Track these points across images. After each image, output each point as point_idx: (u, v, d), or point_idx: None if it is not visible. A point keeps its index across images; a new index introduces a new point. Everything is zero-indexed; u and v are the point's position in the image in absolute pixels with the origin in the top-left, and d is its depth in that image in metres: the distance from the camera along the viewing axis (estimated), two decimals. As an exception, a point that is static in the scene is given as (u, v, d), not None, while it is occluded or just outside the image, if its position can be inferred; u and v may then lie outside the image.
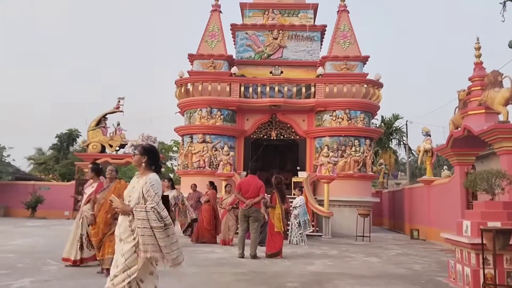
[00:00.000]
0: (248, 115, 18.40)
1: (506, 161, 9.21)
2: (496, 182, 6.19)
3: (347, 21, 19.26)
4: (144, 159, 3.81)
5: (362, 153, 17.20)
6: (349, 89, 17.49)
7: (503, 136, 9.12)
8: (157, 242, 3.48)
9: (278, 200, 9.17)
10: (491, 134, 9.37)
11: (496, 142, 9.37)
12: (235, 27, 19.98)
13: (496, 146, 9.44)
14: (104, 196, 6.15)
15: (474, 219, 5.94)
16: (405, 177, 40.00)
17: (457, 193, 11.82)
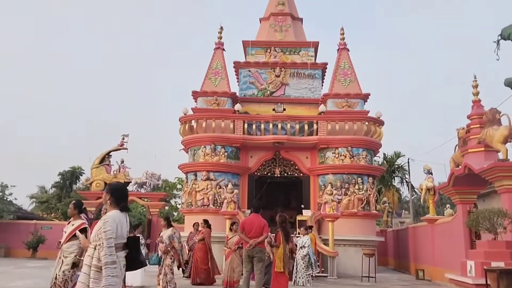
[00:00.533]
0: (252, 152, 18.65)
1: (507, 199, 9.34)
2: (498, 221, 6.34)
3: (347, 59, 19.83)
4: (108, 196, 3.92)
5: (365, 191, 17.29)
6: (350, 127, 17.81)
7: (503, 174, 9.31)
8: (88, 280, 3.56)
9: (283, 239, 9.19)
10: (491, 172, 9.56)
11: (497, 180, 9.55)
12: (238, 65, 20.57)
13: (497, 184, 9.61)
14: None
15: (477, 259, 6.04)
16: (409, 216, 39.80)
17: (460, 232, 11.84)
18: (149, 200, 23.31)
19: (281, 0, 21.88)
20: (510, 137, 9.48)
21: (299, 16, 22.51)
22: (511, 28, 3.17)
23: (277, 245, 9.11)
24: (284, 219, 9.24)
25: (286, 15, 21.65)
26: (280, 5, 21.80)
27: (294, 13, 22.21)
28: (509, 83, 3.95)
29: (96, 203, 23.16)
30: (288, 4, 22.01)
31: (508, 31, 3.17)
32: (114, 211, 3.88)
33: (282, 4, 21.82)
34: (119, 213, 3.88)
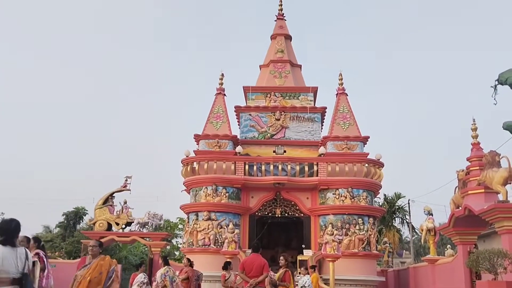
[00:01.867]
0: (253, 192, 18.49)
1: (508, 240, 9.13)
2: (498, 261, 6.13)
3: (345, 103, 20.05)
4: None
5: (366, 232, 16.99)
6: (350, 168, 17.73)
7: (504, 216, 9.14)
8: None
9: (292, 279, 8.95)
10: (491, 213, 9.40)
11: (497, 221, 9.37)
12: (239, 109, 20.78)
13: (497, 225, 9.42)
14: (83, 273, 5.48)
15: (480, 303, 5.79)
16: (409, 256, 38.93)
17: (460, 273, 11.52)
18: (151, 239, 22.87)
19: (280, 48, 22.41)
20: (510, 179, 9.38)
21: (297, 62, 22.98)
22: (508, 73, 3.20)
23: (287, 285, 8.85)
24: (288, 258, 9.07)
25: (285, 62, 22.09)
26: (279, 53, 22.30)
27: (293, 60, 22.68)
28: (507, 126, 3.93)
29: (98, 243, 22.75)
30: (287, 51, 22.51)
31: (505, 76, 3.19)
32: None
33: (281, 51, 22.33)
34: (2, 247, 3.84)
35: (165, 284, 9.52)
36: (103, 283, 5.26)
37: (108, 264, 5.39)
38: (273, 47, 22.86)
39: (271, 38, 23.44)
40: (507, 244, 9.11)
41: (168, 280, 9.56)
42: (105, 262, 5.48)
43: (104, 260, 5.56)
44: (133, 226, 23.40)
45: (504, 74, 3.19)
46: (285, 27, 23.47)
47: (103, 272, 5.31)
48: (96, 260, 5.57)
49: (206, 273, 14.80)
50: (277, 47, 22.53)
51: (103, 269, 5.31)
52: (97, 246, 5.73)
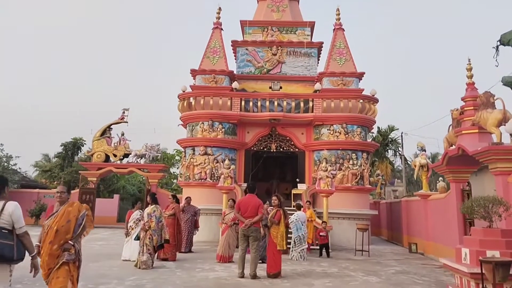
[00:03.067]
0: (249, 128, 18.31)
1: (501, 181, 9.12)
2: (493, 209, 6.07)
3: (342, 38, 19.23)
4: None
5: (359, 166, 17.09)
6: (345, 104, 17.44)
7: (498, 157, 9.03)
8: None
9: (283, 217, 9.01)
10: (485, 155, 9.28)
11: (491, 162, 9.28)
12: (235, 43, 19.98)
13: (491, 166, 9.34)
14: (49, 223, 4.94)
15: (472, 247, 5.81)
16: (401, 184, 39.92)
17: (453, 210, 11.69)
18: (148, 171, 23.10)
19: (279, -20, 21.02)
20: (504, 120, 9.14)
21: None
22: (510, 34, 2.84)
23: (277, 222, 8.92)
24: (281, 200, 9.07)
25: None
26: (278, -15, 20.96)
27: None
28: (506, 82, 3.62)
29: (96, 173, 22.98)
30: (286, -16, 21.16)
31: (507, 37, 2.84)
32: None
33: (280, -17, 20.98)
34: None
35: (150, 224, 9.35)
36: (72, 231, 4.81)
37: (76, 210, 4.88)
38: (271, -21, 21.41)
39: (269, -31, 21.87)
40: (501, 185, 9.13)
41: (155, 220, 9.36)
42: (73, 209, 4.94)
43: (72, 206, 4.99)
44: (131, 157, 23.56)
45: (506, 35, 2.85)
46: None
47: (71, 219, 4.83)
48: (64, 207, 4.99)
49: (202, 206, 15.09)
50: (275, -21, 21.11)
51: (71, 216, 4.83)
52: (65, 192, 5.11)
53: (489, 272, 5.06)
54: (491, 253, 5.54)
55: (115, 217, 25.97)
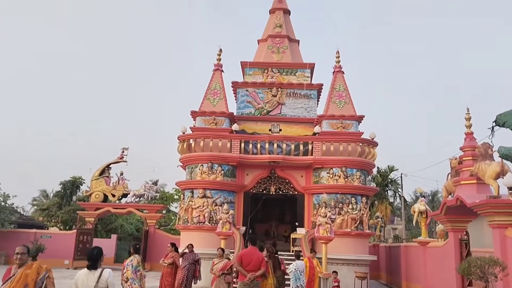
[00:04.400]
0: (248, 170, 18.45)
1: (498, 234, 9.20)
2: (489, 270, 6.13)
3: (342, 81, 19.70)
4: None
5: (359, 211, 17.11)
6: (345, 148, 17.66)
7: (495, 211, 9.15)
8: None
9: (271, 270, 8.93)
10: (483, 208, 9.40)
11: (488, 215, 9.39)
12: (236, 85, 20.49)
13: (489, 219, 9.45)
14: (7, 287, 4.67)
15: (469, 310, 5.83)
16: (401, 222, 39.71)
17: (451, 259, 11.69)
18: (147, 211, 23.08)
19: (279, 23, 21.84)
20: (502, 173, 9.32)
21: (296, 38, 22.44)
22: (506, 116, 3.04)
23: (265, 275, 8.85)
24: (273, 250, 9.01)
25: (283, 37, 21.58)
26: (278, 28, 21.75)
27: (291, 35, 22.14)
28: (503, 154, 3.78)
29: (94, 214, 22.97)
30: (286, 26, 21.96)
31: (503, 119, 3.03)
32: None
33: (280, 26, 21.78)
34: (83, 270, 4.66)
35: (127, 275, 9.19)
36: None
37: (35, 272, 4.64)
38: (271, 22, 22.28)
39: (269, 13, 22.83)
40: (498, 238, 9.20)
41: (130, 269, 9.12)
42: (32, 271, 4.66)
43: (30, 268, 4.71)
44: (129, 197, 23.61)
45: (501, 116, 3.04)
46: (284, 2, 22.82)
47: (29, 283, 4.59)
48: (21, 270, 4.69)
49: (200, 250, 14.96)
50: (275, 22, 21.97)
51: (29, 280, 4.59)
52: (25, 253, 4.81)
53: None
54: (488, 317, 5.55)
55: (113, 258, 25.68)
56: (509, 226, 9.17)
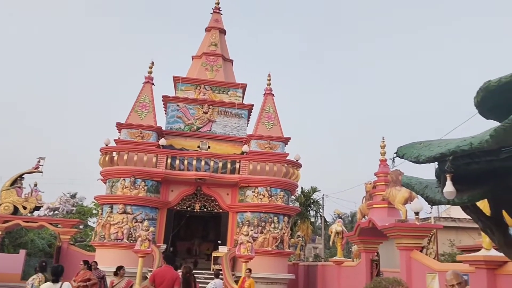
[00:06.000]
0: (173, 186, 18.01)
1: (405, 256, 9.77)
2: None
3: (271, 103, 20.17)
4: None
5: (280, 230, 17.39)
6: (271, 168, 17.95)
7: (402, 234, 9.74)
8: None
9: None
10: (392, 230, 9.97)
11: (396, 238, 9.96)
12: (167, 99, 20.11)
13: (397, 241, 10.02)
14: None
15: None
16: (321, 241, 41.02)
17: (363, 278, 12.19)
18: (61, 226, 21.45)
19: (214, 41, 21.96)
20: (410, 199, 9.99)
21: (230, 57, 22.67)
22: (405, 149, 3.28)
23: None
24: (188, 270, 8.73)
25: (217, 56, 21.70)
26: (213, 46, 21.85)
27: (226, 55, 22.34)
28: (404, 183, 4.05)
29: (2, 227, 20.88)
30: (221, 45, 22.12)
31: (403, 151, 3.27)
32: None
33: (215, 45, 21.90)
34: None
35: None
36: None
37: None
38: (207, 40, 22.32)
39: (206, 30, 22.88)
40: (404, 259, 9.77)
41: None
42: None
43: None
44: (42, 210, 21.83)
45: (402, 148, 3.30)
46: (221, 21, 23.01)
47: None
48: None
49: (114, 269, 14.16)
50: (211, 40, 22.05)
51: None
52: None
53: None
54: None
55: (20, 274, 23.36)
56: (414, 248, 9.82)
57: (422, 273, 8.93)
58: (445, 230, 16.87)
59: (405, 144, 3.63)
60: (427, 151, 3.30)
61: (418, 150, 3.44)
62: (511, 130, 2.52)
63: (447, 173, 3.16)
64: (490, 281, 6.61)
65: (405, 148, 3.56)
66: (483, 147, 2.87)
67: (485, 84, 3.54)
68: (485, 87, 3.54)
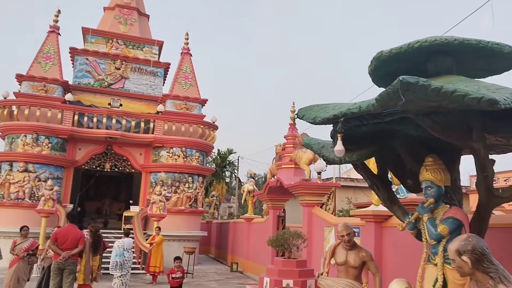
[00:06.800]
0: (81, 144, 17.02)
1: (307, 212, 10.47)
2: (293, 241, 6.92)
3: (189, 63, 19.68)
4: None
5: (194, 190, 17.50)
6: (186, 129, 17.75)
7: (305, 192, 10.38)
8: None
9: (88, 250, 8.32)
10: (296, 188, 10.57)
11: (300, 195, 10.60)
12: (74, 51, 18.57)
13: (300, 198, 10.66)
14: None
15: (272, 277, 6.50)
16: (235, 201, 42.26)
17: (270, 232, 12.84)
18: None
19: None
20: (314, 160, 10.60)
21: (146, 12, 21.41)
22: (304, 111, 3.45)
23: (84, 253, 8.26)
24: (96, 228, 8.49)
25: (132, 9, 20.35)
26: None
27: (141, 8, 21.04)
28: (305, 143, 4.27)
29: None
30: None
31: (302, 113, 3.43)
32: None
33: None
34: None
35: None
36: None
37: None
38: (121, -10, 20.71)
39: (119, -20, 21.15)
40: (306, 215, 10.47)
41: None
42: None
43: None
44: None
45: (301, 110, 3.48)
46: (136, -28, 21.43)
47: None
48: None
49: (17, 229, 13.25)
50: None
51: None
52: None
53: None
54: (286, 282, 6.28)
55: None
56: (316, 205, 10.56)
57: (321, 226, 9.67)
58: (344, 189, 18.36)
59: (304, 107, 3.82)
60: (323, 113, 3.51)
61: (316, 112, 3.65)
62: (393, 95, 2.77)
63: (338, 133, 3.42)
64: (377, 232, 7.36)
65: (305, 110, 3.76)
66: (370, 110, 3.13)
67: (378, 54, 3.82)
68: (377, 57, 3.83)
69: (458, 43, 3.27)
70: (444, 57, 3.55)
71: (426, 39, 3.37)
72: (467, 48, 3.31)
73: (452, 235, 3.43)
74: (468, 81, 3.16)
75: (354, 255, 5.28)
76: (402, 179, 4.63)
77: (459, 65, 3.61)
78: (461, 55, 3.48)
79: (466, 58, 3.54)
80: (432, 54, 3.52)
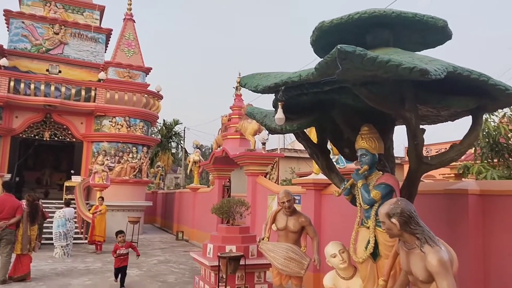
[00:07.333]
0: (18, 112, 15.81)
1: (251, 181, 10.56)
2: (236, 209, 6.93)
3: (132, 30, 18.66)
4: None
5: (139, 160, 16.99)
6: (130, 98, 17.01)
7: (250, 161, 10.43)
8: None
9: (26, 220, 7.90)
10: (241, 159, 10.59)
11: (245, 165, 10.65)
12: (9, 14, 16.97)
13: (245, 168, 10.72)
14: None
15: (216, 243, 6.50)
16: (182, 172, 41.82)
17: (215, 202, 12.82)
18: None
19: (67, -48, 18.81)
20: (259, 131, 10.64)
21: (86, -27, 19.81)
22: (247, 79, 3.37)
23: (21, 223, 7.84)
24: (34, 198, 8.05)
25: (71, -30, 18.76)
26: (65, -43, 18.74)
27: (81, -31, 19.44)
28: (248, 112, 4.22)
29: None
30: (73, -42, 19.10)
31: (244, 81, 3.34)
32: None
33: (67, -44, 18.80)
34: None
35: None
36: None
37: None
38: None
39: None
40: (250, 183, 10.56)
41: None
42: None
43: None
44: None
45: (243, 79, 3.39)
46: None
47: None
48: None
49: None
50: (62, -51, 18.77)
51: None
52: None
53: (223, 265, 5.77)
54: (229, 248, 6.32)
55: None
56: (260, 174, 10.67)
57: (265, 195, 9.83)
58: (287, 159, 18.76)
59: (247, 75, 3.73)
60: (265, 81, 3.44)
61: (258, 80, 3.57)
62: (332, 63, 2.74)
63: (279, 101, 3.38)
64: (317, 200, 7.60)
65: (247, 78, 3.67)
66: (310, 79, 3.10)
67: (319, 24, 3.77)
68: (319, 27, 3.78)
69: (395, 16, 3.30)
70: (382, 29, 3.58)
71: (366, 10, 3.37)
72: (404, 21, 3.35)
73: (383, 200, 3.58)
74: (403, 53, 3.22)
75: (294, 220, 5.41)
76: (340, 148, 4.73)
77: (396, 38, 3.66)
78: (398, 28, 3.53)
79: (402, 31, 3.59)
80: (371, 26, 3.54)
